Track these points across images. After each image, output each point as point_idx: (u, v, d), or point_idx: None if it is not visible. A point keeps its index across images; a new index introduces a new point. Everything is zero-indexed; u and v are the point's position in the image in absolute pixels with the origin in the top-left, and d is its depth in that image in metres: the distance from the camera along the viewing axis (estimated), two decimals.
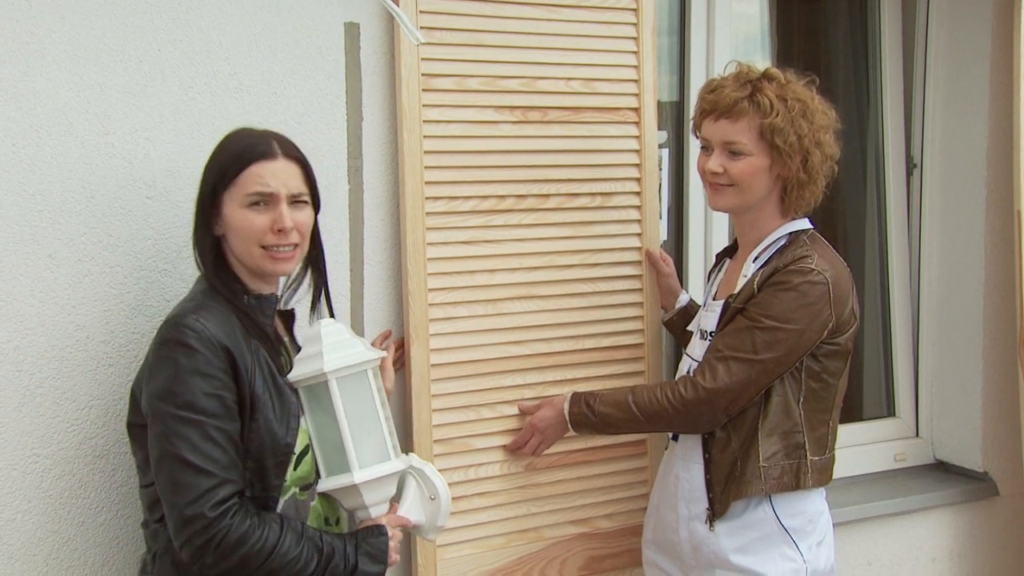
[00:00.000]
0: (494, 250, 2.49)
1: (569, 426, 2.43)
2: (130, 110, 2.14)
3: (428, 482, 2.02)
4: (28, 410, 2.09)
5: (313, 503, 1.95)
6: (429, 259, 2.40)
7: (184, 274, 2.20)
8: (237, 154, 1.90)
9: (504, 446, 2.51)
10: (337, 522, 2.02)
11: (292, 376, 1.90)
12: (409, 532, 2.05)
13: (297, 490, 1.92)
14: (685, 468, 2.36)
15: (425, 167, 2.39)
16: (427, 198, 2.40)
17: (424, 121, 2.38)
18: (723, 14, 3.07)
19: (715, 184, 2.29)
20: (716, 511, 2.29)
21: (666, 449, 2.50)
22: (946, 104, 3.35)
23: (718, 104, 2.26)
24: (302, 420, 1.90)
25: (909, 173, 3.45)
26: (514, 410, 2.52)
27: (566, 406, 2.42)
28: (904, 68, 3.44)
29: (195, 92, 2.20)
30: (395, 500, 2.00)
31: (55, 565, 2.13)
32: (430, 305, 2.40)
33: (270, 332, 1.94)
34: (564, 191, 2.57)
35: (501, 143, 2.49)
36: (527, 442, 2.49)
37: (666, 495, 2.42)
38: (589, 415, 2.38)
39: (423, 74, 2.37)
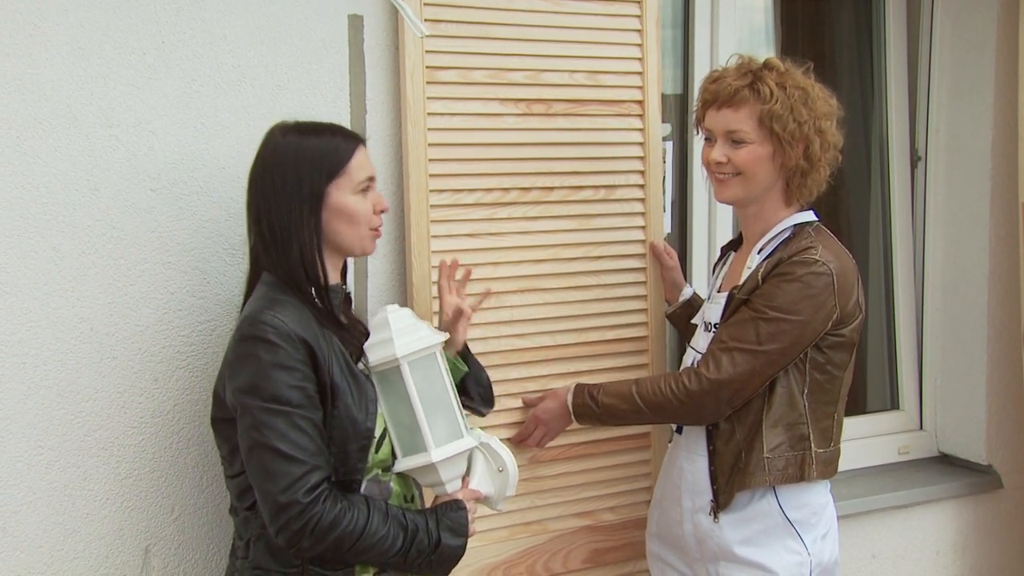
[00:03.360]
0: (498, 243, 2.48)
1: (573, 418, 2.43)
2: (134, 103, 2.14)
3: (495, 455, 2.07)
4: (33, 403, 2.09)
5: (392, 484, 2.00)
6: (433, 251, 2.40)
7: (188, 267, 2.20)
8: (339, 145, 1.94)
9: (508, 439, 2.51)
10: (413, 499, 2.07)
11: (368, 363, 1.96)
12: (481, 504, 2.10)
13: (380, 471, 1.97)
14: (689, 460, 2.36)
15: (429, 159, 2.39)
16: (431, 191, 2.40)
17: (428, 114, 2.38)
18: (727, 6, 3.06)
19: (720, 175, 2.29)
20: (720, 503, 2.29)
21: (670, 442, 2.50)
22: (950, 96, 3.34)
23: (719, 93, 2.26)
24: (379, 404, 1.95)
25: (913, 166, 3.45)
26: (518, 403, 2.52)
27: (569, 397, 2.42)
28: (908, 60, 3.43)
29: (199, 85, 2.20)
30: (465, 475, 2.05)
31: (60, 557, 2.14)
32: (434, 298, 2.40)
33: (344, 320, 1.97)
34: (568, 184, 2.57)
35: (505, 136, 2.49)
36: (531, 434, 2.49)
37: (670, 487, 2.42)
38: (593, 406, 2.38)
39: (427, 66, 2.37)
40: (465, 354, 2.29)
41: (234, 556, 2.00)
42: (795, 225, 2.31)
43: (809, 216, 2.33)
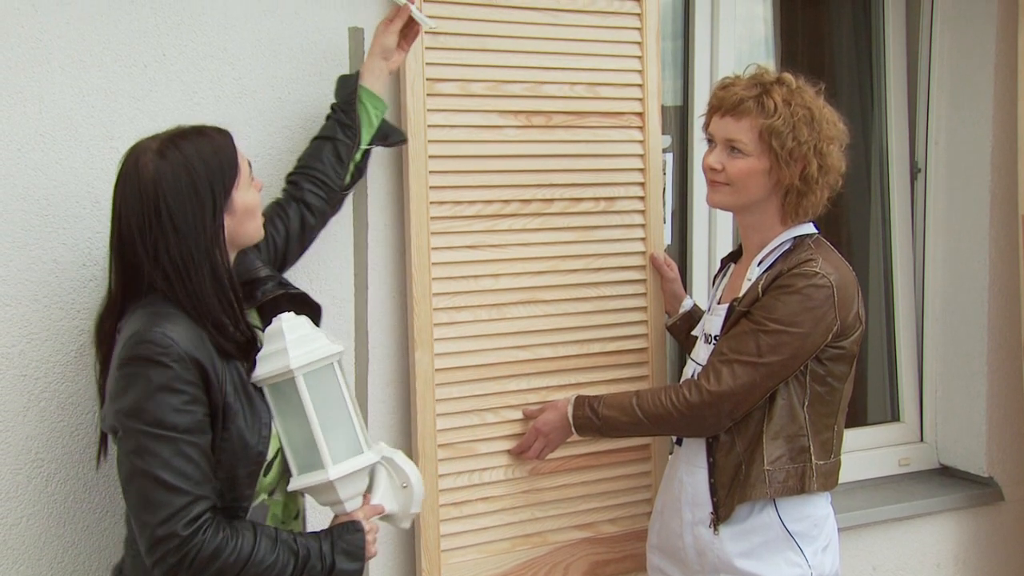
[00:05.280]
0: (498, 254, 2.49)
1: (573, 429, 2.42)
2: (135, 115, 2.15)
3: (399, 470, 1.97)
4: (33, 415, 2.09)
5: (270, 504, 1.92)
6: (433, 263, 2.40)
7: None
8: (224, 146, 1.83)
9: (508, 450, 2.50)
10: (296, 516, 2.00)
11: (257, 376, 1.84)
12: (383, 522, 2.01)
13: (266, 496, 1.90)
14: (689, 472, 2.36)
15: (429, 171, 2.39)
16: (431, 202, 2.40)
17: (428, 126, 2.38)
18: (727, 18, 3.07)
19: (713, 181, 2.30)
20: (720, 515, 2.29)
21: (670, 454, 2.50)
22: (950, 108, 3.35)
23: (725, 101, 2.26)
24: (273, 425, 1.86)
25: (913, 178, 3.45)
26: (518, 415, 2.52)
27: (570, 409, 2.42)
28: (908, 72, 3.44)
29: (200, 97, 2.21)
30: (368, 490, 1.96)
31: (59, 570, 2.14)
32: (434, 310, 2.40)
33: (248, 334, 1.86)
34: (568, 195, 2.57)
35: (505, 147, 2.49)
36: (531, 446, 2.49)
37: (670, 499, 2.42)
38: (593, 418, 2.37)
39: (427, 78, 2.37)
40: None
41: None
42: (795, 237, 2.31)
43: (809, 228, 2.34)
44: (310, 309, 2.02)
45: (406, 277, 2.41)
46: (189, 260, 1.77)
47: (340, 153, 2.18)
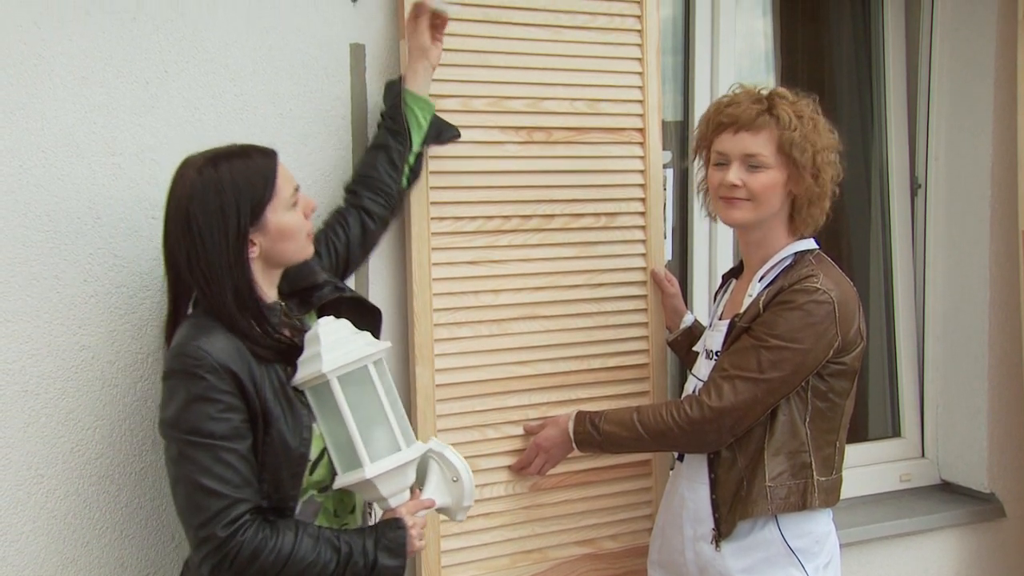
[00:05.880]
0: (499, 270, 2.49)
1: (574, 445, 2.42)
2: (137, 131, 2.15)
3: (449, 464, 2.04)
4: (34, 431, 2.09)
5: (321, 500, 1.98)
6: (434, 279, 2.40)
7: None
8: (261, 167, 1.89)
9: (509, 466, 2.50)
10: (352, 510, 2.05)
11: (296, 380, 1.91)
12: (439, 515, 2.06)
13: (315, 492, 1.96)
14: (691, 488, 2.36)
15: (430, 187, 2.40)
16: (432, 218, 2.40)
17: None
18: (727, 32, 3.08)
19: (731, 198, 2.28)
20: (722, 531, 2.28)
21: (671, 469, 2.49)
22: (950, 124, 3.35)
23: (739, 117, 2.26)
24: (314, 427, 1.92)
25: (914, 193, 3.46)
26: (519, 430, 2.51)
27: (570, 425, 2.41)
28: (908, 88, 3.45)
29: (201, 113, 2.21)
30: (420, 486, 2.03)
31: None
32: (435, 325, 2.40)
33: (284, 340, 1.93)
34: (569, 211, 2.57)
35: (506, 163, 2.50)
36: (532, 462, 2.48)
37: (671, 515, 2.41)
38: (594, 434, 2.37)
39: (429, 94, 2.38)
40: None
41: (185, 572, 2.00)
42: (796, 253, 2.31)
43: (810, 244, 2.34)
44: (370, 313, 2.13)
45: (407, 292, 2.41)
46: (213, 274, 1.84)
47: (393, 159, 2.27)
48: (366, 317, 2.10)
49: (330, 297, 2.06)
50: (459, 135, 2.38)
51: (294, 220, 1.92)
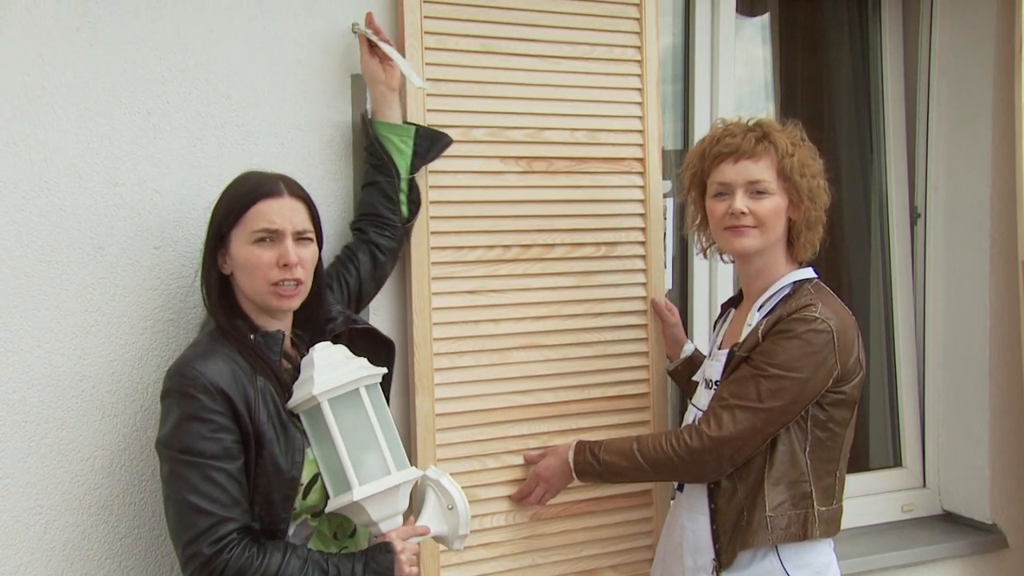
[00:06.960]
0: (500, 299, 2.49)
1: (574, 475, 2.42)
2: (139, 162, 2.16)
3: (445, 492, 2.05)
4: (33, 461, 2.09)
5: (315, 524, 1.99)
6: (435, 308, 2.41)
7: (191, 324, 2.20)
8: (244, 193, 1.97)
9: (509, 496, 2.50)
10: (353, 534, 2.06)
11: (291, 403, 1.95)
12: (439, 545, 2.06)
13: (308, 516, 1.98)
14: (691, 518, 2.35)
15: (431, 217, 2.40)
16: (433, 247, 2.41)
17: (430, 171, 2.40)
18: (727, 61, 3.10)
19: (738, 227, 2.29)
20: (722, 562, 2.27)
21: (672, 499, 2.49)
22: (949, 154, 3.36)
23: (739, 146, 2.27)
24: (308, 451, 1.94)
25: (913, 223, 3.46)
26: (519, 460, 2.51)
27: (570, 455, 2.41)
28: (907, 117, 3.46)
29: (203, 144, 2.22)
30: (415, 513, 2.03)
31: None
32: (435, 354, 2.40)
33: (277, 368, 1.97)
34: (569, 240, 2.58)
35: (506, 193, 2.51)
36: (532, 492, 2.48)
37: (672, 546, 2.40)
38: (594, 464, 2.37)
39: (429, 125, 2.39)
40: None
41: None
42: (795, 282, 2.31)
43: (808, 273, 2.34)
44: (383, 345, 2.18)
45: (407, 322, 2.41)
46: (203, 277, 2.00)
47: (386, 191, 2.30)
48: (379, 349, 2.15)
49: (342, 328, 2.10)
50: (451, 141, 2.39)
51: (251, 256, 1.94)
